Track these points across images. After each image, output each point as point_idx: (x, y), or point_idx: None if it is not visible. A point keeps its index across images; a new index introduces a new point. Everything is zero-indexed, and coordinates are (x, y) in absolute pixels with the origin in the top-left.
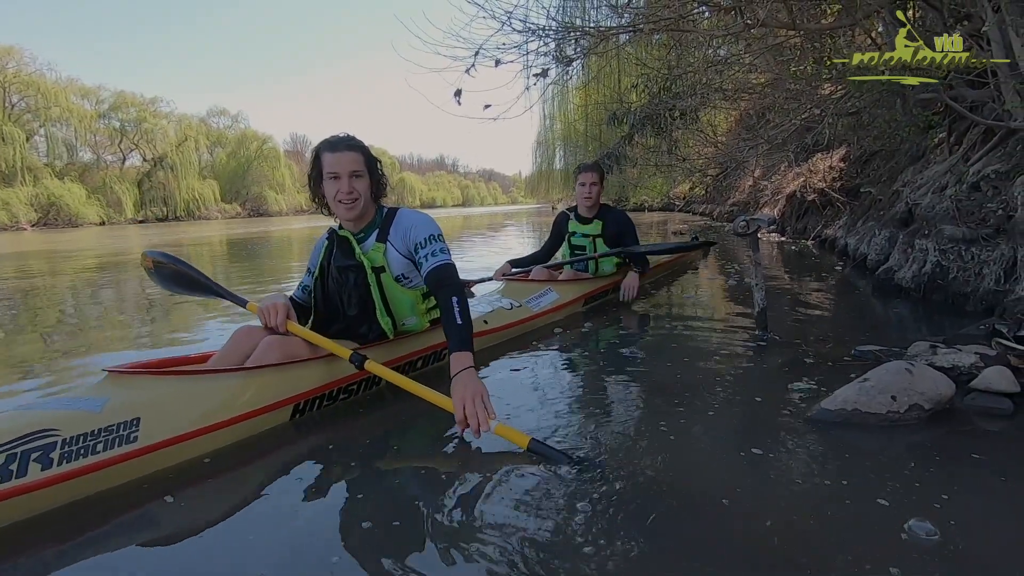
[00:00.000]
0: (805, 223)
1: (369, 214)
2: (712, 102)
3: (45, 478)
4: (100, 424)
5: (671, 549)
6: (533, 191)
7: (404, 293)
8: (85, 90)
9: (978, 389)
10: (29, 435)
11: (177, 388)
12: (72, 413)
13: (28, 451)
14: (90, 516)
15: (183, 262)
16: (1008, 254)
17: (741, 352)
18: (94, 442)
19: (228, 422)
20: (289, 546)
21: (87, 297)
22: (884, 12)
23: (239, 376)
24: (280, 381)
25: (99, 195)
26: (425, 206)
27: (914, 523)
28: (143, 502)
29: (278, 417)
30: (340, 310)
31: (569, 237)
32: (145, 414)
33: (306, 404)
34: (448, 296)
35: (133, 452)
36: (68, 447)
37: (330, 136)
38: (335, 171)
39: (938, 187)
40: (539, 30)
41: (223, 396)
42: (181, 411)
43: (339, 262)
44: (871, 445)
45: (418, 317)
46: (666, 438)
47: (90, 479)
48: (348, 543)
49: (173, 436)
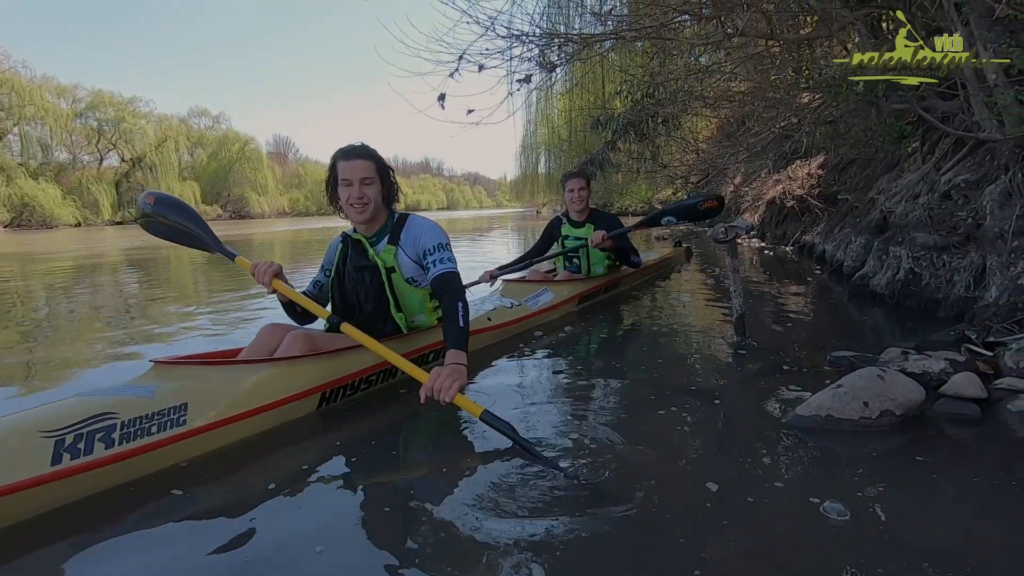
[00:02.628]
0: (784, 229)
1: (381, 218)
2: (694, 109)
3: (109, 456)
4: (154, 408)
5: (646, 549)
6: (518, 195)
7: (414, 292)
8: (61, 89)
9: (947, 395)
10: (91, 418)
11: (218, 376)
12: (128, 398)
13: (93, 431)
14: (141, 492)
15: (185, 205)
16: (977, 262)
17: (720, 358)
18: (149, 424)
19: (264, 408)
20: (296, 531)
21: (64, 300)
22: (859, 24)
23: (270, 366)
24: (308, 371)
25: (75, 196)
26: (410, 209)
27: (834, 511)
28: (189, 483)
29: (307, 405)
30: (357, 306)
31: (563, 240)
32: (192, 400)
33: (332, 393)
34: (453, 301)
35: (183, 434)
36: (127, 428)
37: (345, 145)
38: (347, 177)
39: (911, 195)
40: (523, 36)
41: (259, 384)
42: (223, 398)
43: (355, 263)
44: (843, 451)
45: (426, 314)
46: (642, 442)
47: (146, 458)
48: (340, 529)
49: (217, 420)
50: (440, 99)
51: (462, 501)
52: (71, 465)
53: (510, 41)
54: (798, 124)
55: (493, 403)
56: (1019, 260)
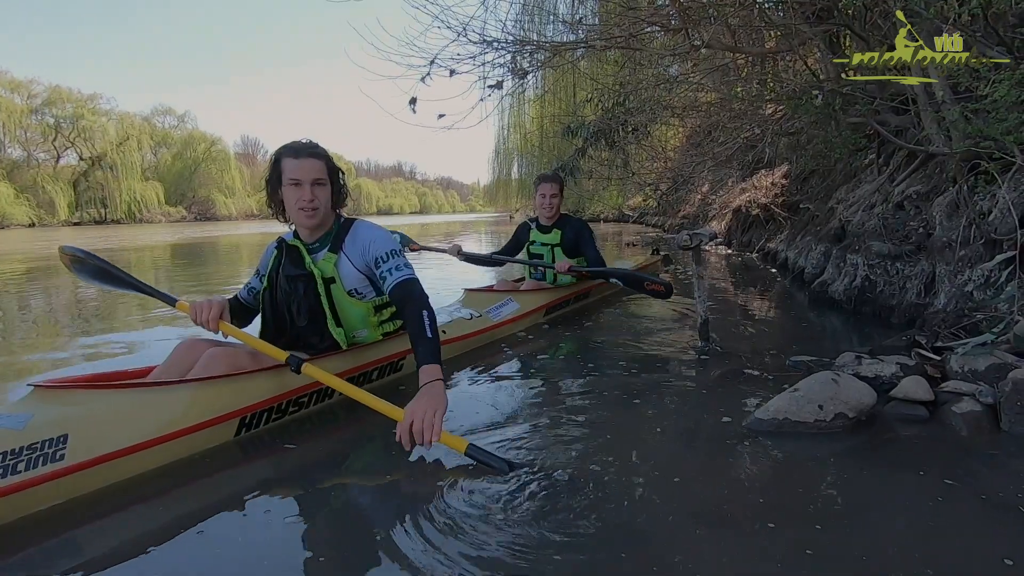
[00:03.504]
0: (750, 236)
1: (326, 224)
2: (662, 119)
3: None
4: (22, 442)
5: (607, 550)
6: (492, 200)
7: (355, 305)
8: (15, 83)
9: (897, 398)
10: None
11: (109, 402)
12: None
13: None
14: (8, 543)
15: (102, 260)
16: (928, 270)
17: (684, 362)
18: (15, 461)
19: (165, 438)
20: (228, 571)
21: (11, 305)
22: (818, 40)
23: (178, 388)
24: (223, 393)
25: (29, 195)
26: (382, 213)
27: (789, 511)
28: (66, 528)
29: (221, 433)
30: (290, 320)
31: (528, 246)
32: (74, 430)
33: (252, 418)
34: (418, 310)
35: (60, 471)
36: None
37: (292, 141)
38: (297, 178)
39: (868, 205)
40: (494, 42)
41: (160, 410)
42: (113, 427)
43: (288, 271)
44: (798, 453)
45: (370, 329)
46: (605, 447)
47: (10, 500)
48: (292, 563)
49: (104, 454)
50: (411, 103)
51: (407, 521)
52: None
53: (482, 47)
54: (762, 135)
55: (451, 413)
56: (965, 269)
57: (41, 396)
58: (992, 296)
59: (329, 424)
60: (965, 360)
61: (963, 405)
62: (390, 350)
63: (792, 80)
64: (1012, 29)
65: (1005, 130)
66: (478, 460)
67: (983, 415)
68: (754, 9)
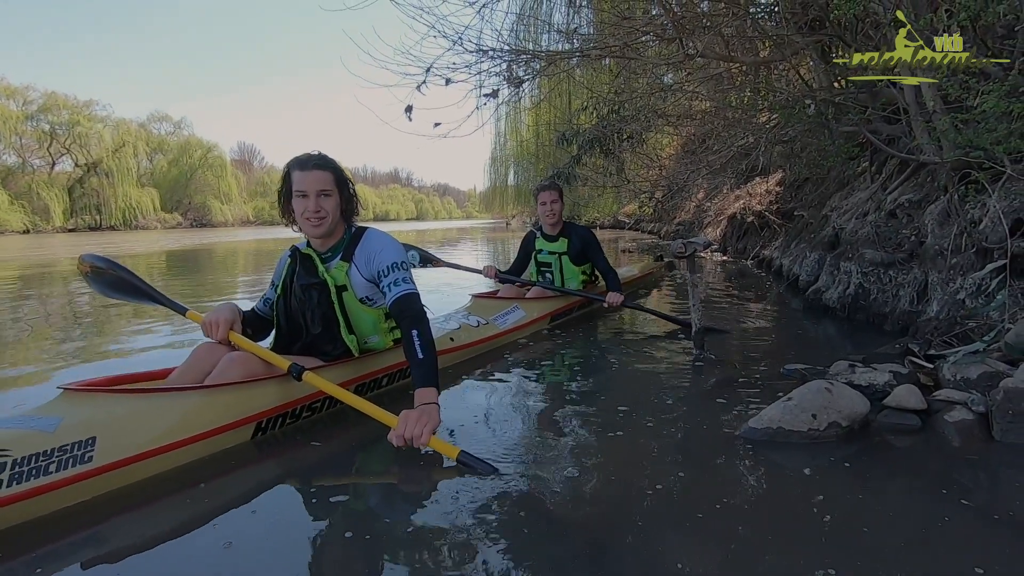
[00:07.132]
0: (745, 243)
1: (338, 233)
2: (657, 127)
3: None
4: (53, 444)
5: (604, 557)
6: (488, 206)
7: (367, 312)
8: (11, 90)
9: (890, 406)
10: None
11: (134, 406)
12: (24, 433)
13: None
14: (38, 536)
15: (122, 267)
16: (920, 277)
17: (679, 370)
18: (47, 462)
19: (187, 441)
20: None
21: (8, 311)
22: (810, 50)
23: (199, 394)
24: (241, 399)
25: (24, 201)
26: (379, 219)
27: (782, 519)
28: (89, 521)
29: (239, 436)
30: (304, 328)
31: (536, 255)
32: (101, 433)
33: (268, 422)
34: (408, 328)
35: (88, 472)
36: (19, 468)
37: (302, 154)
38: (303, 189)
39: (861, 213)
40: (490, 51)
41: (182, 414)
42: (138, 430)
43: (302, 280)
44: (791, 462)
45: (380, 336)
46: (600, 455)
47: (42, 500)
48: (298, 560)
49: (130, 456)
50: (407, 111)
51: (412, 524)
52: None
53: (478, 56)
54: (756, 143)
55: (447, 419)
56: (957, 277)
57: (69, 399)
58: (984, 304)
59: (341, 427)
60: (957, 368)
61: (955, 414)
62: (399, 358)
63: (785, 89)
64: (1000, 40)
65: (995, 140)
66: (469, 466)
67: (975, 424)
68: (747, 19)
